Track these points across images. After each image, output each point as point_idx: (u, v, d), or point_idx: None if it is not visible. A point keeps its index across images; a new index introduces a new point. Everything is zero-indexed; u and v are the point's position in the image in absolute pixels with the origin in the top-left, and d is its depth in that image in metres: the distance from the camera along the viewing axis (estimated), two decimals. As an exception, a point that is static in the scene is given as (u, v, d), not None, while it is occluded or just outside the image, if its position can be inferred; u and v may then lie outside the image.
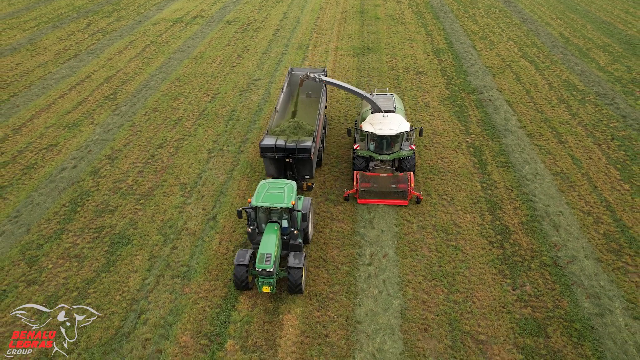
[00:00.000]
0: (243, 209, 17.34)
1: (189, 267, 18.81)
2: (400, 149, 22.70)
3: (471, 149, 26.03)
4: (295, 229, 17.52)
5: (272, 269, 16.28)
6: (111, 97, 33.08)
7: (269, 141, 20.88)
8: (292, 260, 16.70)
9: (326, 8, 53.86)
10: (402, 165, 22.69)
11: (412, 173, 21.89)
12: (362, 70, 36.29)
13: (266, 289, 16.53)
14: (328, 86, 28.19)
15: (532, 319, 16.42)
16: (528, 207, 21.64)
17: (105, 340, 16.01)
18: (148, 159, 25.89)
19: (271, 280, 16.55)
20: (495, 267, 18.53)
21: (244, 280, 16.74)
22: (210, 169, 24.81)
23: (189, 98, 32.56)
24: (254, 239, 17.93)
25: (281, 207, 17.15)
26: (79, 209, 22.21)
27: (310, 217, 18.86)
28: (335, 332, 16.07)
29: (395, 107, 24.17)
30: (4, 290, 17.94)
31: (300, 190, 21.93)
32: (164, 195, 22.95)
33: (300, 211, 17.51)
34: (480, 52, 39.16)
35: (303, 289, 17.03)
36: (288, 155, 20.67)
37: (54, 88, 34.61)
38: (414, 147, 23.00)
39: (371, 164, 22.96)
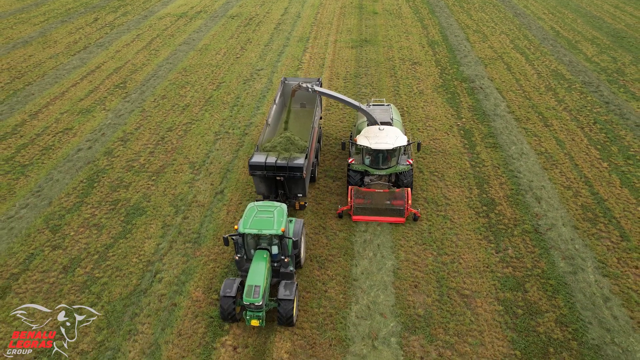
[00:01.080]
0: (230, 236, 16.27)
1: (199, 234, 20.49)
2: (397, 163, 21.47)
3: (462, 132, 27.71)
4: (285, 257, 16.38)
5: (260, 303, 15.09)
6: (121, 85, 34.77)
7: (259, 159, 19.70)
8: (282, 292, 15.66)
9: (326, 3, 55.53)
10: (399, 180, 21.59)
11: (409, 189, 20.85)
12: (360, 61, 37.97)
13: (255, 322, 15.46)
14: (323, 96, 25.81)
15: (513, 277, 18.10)
16: (513, 182, 23.33)
17: (125, 295, 17.69)
18: (158, 140, 27.57)
19: (260, 314, 15.40)
20: (480, 234, 20.21)
21: (231, 312, 15.70)
22: (217, 149, 26.49)
23: (196, 86, 34.25)
24: (242, 267, 16.83)
25: (270, 234, 16.08)
26: (95, 185, 23.90)
27: (302, 240, 17.87)
28: (333, 288, 17.75)
29: (392, 119, 23.23)
30: (32, 254, 19.64)
31: (293, 209, 21.07)
32: (175, 173, 24.63)
33: (291, 238, 16.24)
34: (474, 44, 40.84)
35: (295, 321, 16.00)
36: (279, 173, 19.51)
37: (66, 78, 36.30)
38: (411, 161, 21.63)
39: (366, 179, 21.95)
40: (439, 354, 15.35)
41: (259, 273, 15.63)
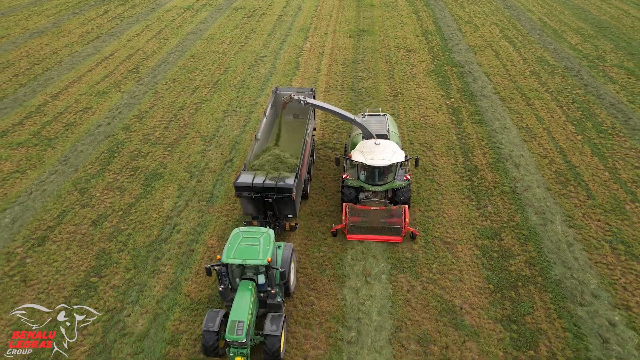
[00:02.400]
0: (212, 266, 15.13)
1: (212, 195, 22.91)
2: (394, 179, 20.51)
3: (450, 110, 30.13)
4: (272, 288, 15.27)
5: (244, 340, 13.99)
6: (134, 70, 37.18)
7: (245, 179, 18.44)
8: (268, 327, 14.54)
9: (326, -3, 58.02)
10: (396, 196, 20.56)
11: (406, 206, 19.98)
12: (357, 49, 40.38)
13: (239, 359, 14.35)
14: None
15: (490, 228, 20.52)
16: (495, 152, 25.74)
17: (148, 243, 20.12)
18: (171, 118, 29.98)
19: (244, 351, 14.24)
20: (463, 194, 22.63)
21: (215, 347, 14.59)
22: (226, 125, 28.91)
23: (204, 71, 36.66)
24: (226, 297, 15.63)
25: (256, 265, 14.87)
26: (116, 155, 26.31)
27: (292, 266, 16.99)
28: (331, 237, 20.17)
29: (389, 131, 22.29)
30: (64, 211, 22.06)
31: (283, 230, 19.83)
32: (188, 144, 27.04)
33: (277, 269, 15.11)
34: (465, 34, 43.25)
35: (282, 356, 14.94)
36: (267, 195, 18.26)
37: (82, 64, 38.69)
38: (409, 177, 20.81)
39: (362, 195, 20.97)
40: (423, 287, 17.77)
41: (243, 307, 14.50)
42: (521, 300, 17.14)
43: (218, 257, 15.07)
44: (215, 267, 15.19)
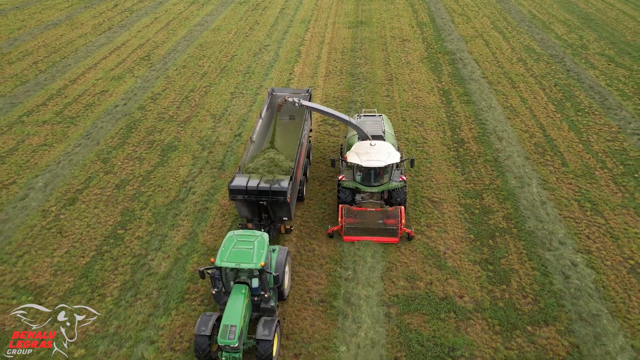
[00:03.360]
0: (205, 269, 15.18)
1: (222, 163, 25.32)
2: (390, 180, 20.59)
3: (441, 92, 32.55)
4: (265, 293, 15.18)
5: (236, 344, 14.02)
6: (146, 58, 39.60)
7: (240, 182, 18.42)
8: (261, 331, 14.51)
9: (326, -8, 60.37)
10: (392, 197, 20.71)
11: (402, 207, 20.11)
12: (355, 39, 42.80)
13: None
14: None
15: (473, 190, 22.93)
16: (480, 127, 28.15)
17: (167, 203, 22.53)
18: (183, 99, 32.39)
19: (236, 355, 14.35)
20: (450, 162, 25.04)
21: (207, 351, 14.61)
22: (234, 105, 31.33)
23: (211, 59, 39.08)
24: (220, 300, 15.57)
25: (249, 268, 14.86)
26: (133, 130, 28.72)
27: (287, 270, 16.97)
28: (331, 197, 22.55)
29: (384, 132, 22.39)
30: (89, 177, 24.48)
31: (278, 233, 19.89)
32: (199, 122, 29.46)
33: (271, 273, 14.98)
34: (458, 25, 45.68)
35: None
36: (261, 198, 18.25)
37: (96, 52, 41.11)
38: (404, 177, 20.86)
39: (358, 197, 21.12)
40: (414, 240, 20.16)
41: (235, 311, 14.49)
42: (497, 247, 19.56)
43: (212, 260, 15.06)
44: (209, 271, 15.22)
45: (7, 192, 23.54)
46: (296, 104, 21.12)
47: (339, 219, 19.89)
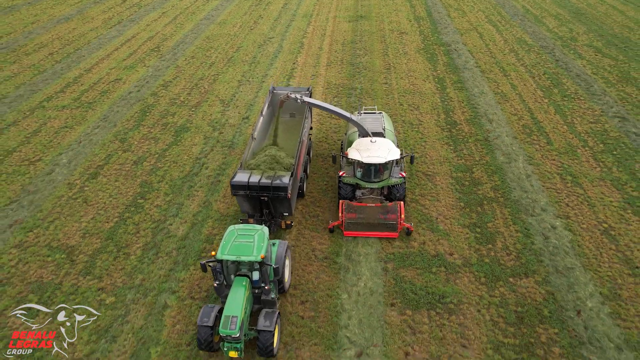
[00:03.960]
0: (207, 262, 15.54)
1: (232, 142, 27.27)
2: (390, 176, 21.02)
3: (436, 79, 34.50)
4: (266, 285, 15.59)
5: (237, 335, 14.39)
6: (156, 49, 41.56)
7: (241, 178, 18.94)
8: (262, 322, 14.91)
9: (326, -11, 62.34)
10: (392, 193, 21.16)
11: (402, 202, 20.58)
12: (355, 32, 44.76)
13: (233, 354, 14.82)
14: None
15: (464, 165, 24.87)
16: (472, 111, 30.10)
17: (182, 177, 24.47)
18: (193, 86, 34.34)
19: (238, 345, 14.73)
20: (443, 141, 26.99)
21: (209, 342, 15.01)
22: (241, 91, 33.29)
23: (218, 50, 41.04)
24: (221, 293, 15.96)
25: (250, 261, 15.31)
26: (148, 114, 30.67)
27: (287, 264, 17.42)
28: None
29: (384, 129, 22.82)
30: (109, 155, 26.43)
31: (279, 228, 20.56)
32: (209, 106, 31.41)
33: (271, 265, 15.49)
34: (453, 19, 47.64)
35: (275, 352, 15.32)
36: (262, 193, 18.81)
37: (108, 44, 43.07)
38: (404, 174, 21.32)
39: (358, 193, 21.58)
40: (407, 205, 22.08)
41: (236, 302, 14.89)
42: (485, 213, 21.51)
43: (213, 253, 15.46)
44: (210, 264, 15.58)
45: (34, 167, 25.50)
46: (298, 100, 21.53)
47: (340, 214, 20.35)
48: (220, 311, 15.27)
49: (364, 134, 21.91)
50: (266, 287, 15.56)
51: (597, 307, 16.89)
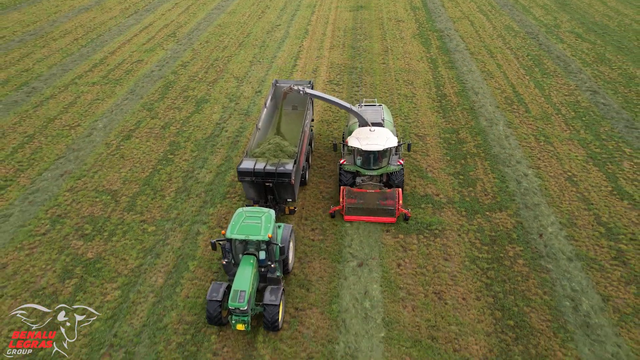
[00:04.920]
0: (217, 240, 16.55)
1: (247, 111, 30.84)
2: (388, 163, 22.02)
3: (429, 60, 38.08)
4: (272, 263, 16.55)
5: (245, 308, 15.32)
6: (172, 35, 45.13)
7: (247, 165, 19.85)
8: (268, 297, 15.83)
9: (328, -17, 65.92)
10: (390, 180, 22.21)
11: (400, 189, 21.39)
12: (356, 20, 48.35)
13: (240, 326, 15.67)
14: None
15: (451, 128, 28.43)
16: (461, 85, 33.67)
17: (205, 138, 28.03)
18: (209, 66, 37.92)
19: (245, 318, 15.59)
20: (434, 109, 30.57)
21: (218, 316, 15.84)
22: (253, 70, 36.87)
23: (230, 35, 44.62)
24: (229, 271, 16.95)
25: (257, 240, 16.24)
26: (170, 89, 34.24)
27: (291, 246, 18.31)
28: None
29: (383, 120, 23.61)
30: (139, 121, 30.00)
31: (283, 214, 21.36)
32: (225, 82, 34.98)
33: (277, 244, 16.40)
34: (447, 9, 51.22)
35: (280, 325, 16.18)
36: (267, 179, 19.67)
37: (127, 31, 46.64)
38: (402, 161, 22.21)
39: (358, 179, 22.46)
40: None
41: (245, 278, 15.80)
42: (468, 164, 25.07)
43: (223, 232, 16.38)
44: (220, 242, 16.59)
45: (75, 131, 29.07)
46: (301, 92, 22.27)
47: (341, 200, 21.30)
48: (229, 288, 16.26)
49: (363, 123, 22.80)
50: (272, 265, 16.60)
51: (555, 232, 20.47)
